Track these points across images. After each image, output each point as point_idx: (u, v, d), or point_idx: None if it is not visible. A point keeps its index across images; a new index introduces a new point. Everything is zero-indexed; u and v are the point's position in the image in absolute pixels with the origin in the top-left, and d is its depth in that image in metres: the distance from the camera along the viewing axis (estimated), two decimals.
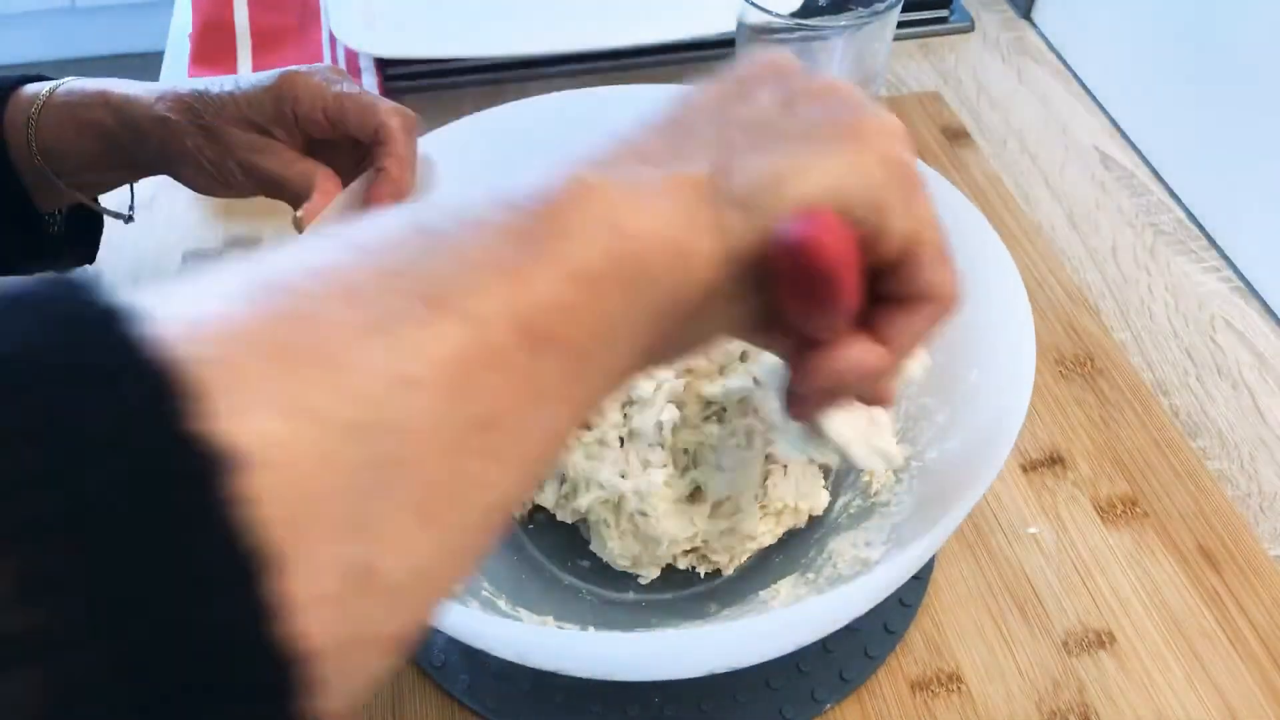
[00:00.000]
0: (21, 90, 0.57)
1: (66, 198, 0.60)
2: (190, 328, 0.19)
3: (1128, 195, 0.74)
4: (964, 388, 0.47)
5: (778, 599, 0.49)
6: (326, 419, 0.20)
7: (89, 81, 0.58)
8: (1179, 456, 0.58)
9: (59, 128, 0.56)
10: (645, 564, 0.49)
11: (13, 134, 0.57)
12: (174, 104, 0.55)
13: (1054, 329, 0.64)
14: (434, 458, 0.22)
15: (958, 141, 0.77)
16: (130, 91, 0.56)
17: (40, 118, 0.56)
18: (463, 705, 0.49)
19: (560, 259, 0.25)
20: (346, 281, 0.22)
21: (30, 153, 0.56)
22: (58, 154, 0.57)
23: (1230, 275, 0.68)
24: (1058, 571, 0.53)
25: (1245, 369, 0.63)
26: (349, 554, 0.20)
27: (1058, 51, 0.86)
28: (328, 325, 0.21)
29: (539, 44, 0.80)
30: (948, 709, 0.48)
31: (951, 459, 0.46)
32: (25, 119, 0.56)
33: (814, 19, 0.64)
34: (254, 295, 0.21)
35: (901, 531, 0.47)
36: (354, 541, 0.20)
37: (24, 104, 0.57)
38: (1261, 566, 0.53)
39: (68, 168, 0.57)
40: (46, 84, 0.58)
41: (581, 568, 0.52)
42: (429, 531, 0.22)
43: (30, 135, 0.56)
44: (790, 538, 0.51)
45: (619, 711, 0.48)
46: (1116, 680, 0.49)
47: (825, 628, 0.41)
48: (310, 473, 0.19)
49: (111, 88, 0.56)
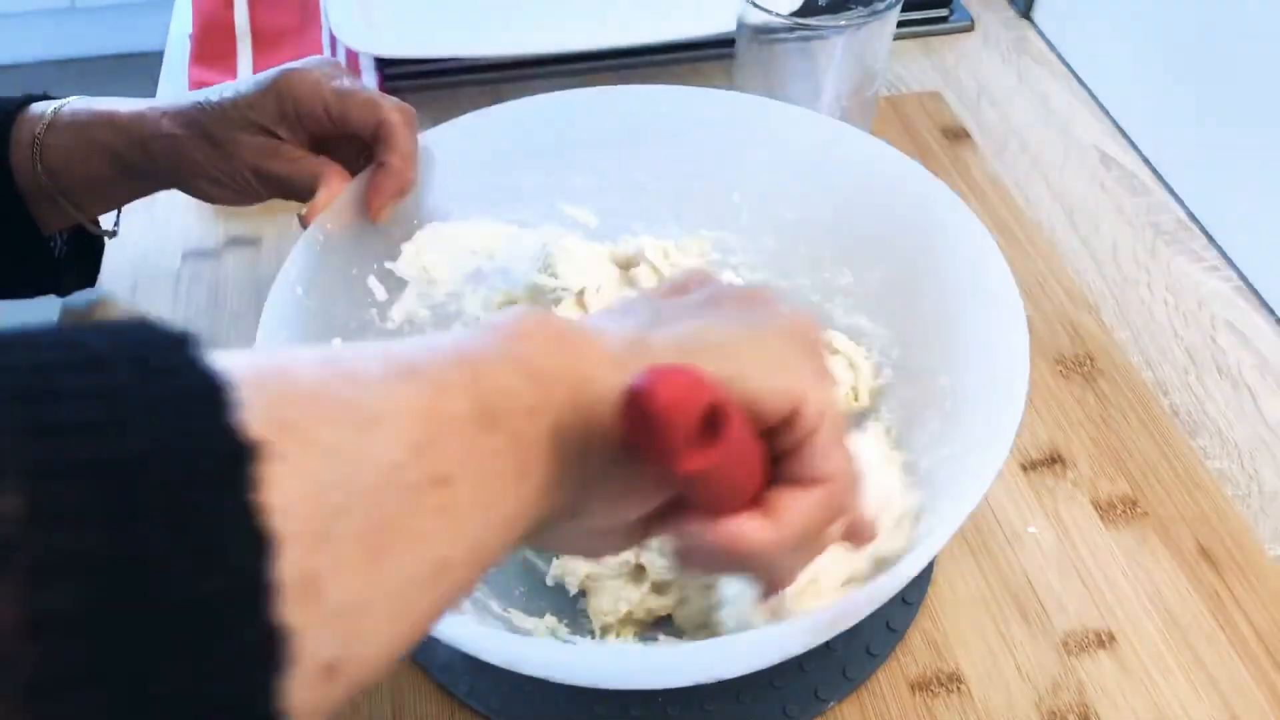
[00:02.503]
0: (26, 111, 0.57)
1: (70, 219, 0.60)
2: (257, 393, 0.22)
3: (1128, 195, 0.74)
4: (960, 392, 0.47)
5: None
6: (312, 440, 0.23)
7: (94, 101, 0.57)
8: (1179, 456, 0.58)
9: (67, 150, 0.56)
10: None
11: (18, 156, 0.56)
12: (179, 119, 0.55)
13: (1054, 329, 0.64)
14: (390, 495, 0.24)
15: (958, 141, 0.77)
16: (136, 109, 0.56)
17: (46, 138, 0.56)
18: (465, 706, 0.49)
19: (514, 356, 0.29)
20: (343, 367, 0.26)
21: (36, 174, 0.56)
22: (66, 175, 0.57)
23: (1230, 275, 0.68)
24: (1058, 572, 0.53)
25: (1245, 369, 0.63)
26: (307, 561, 0.21)
27: (1058, 51, 0.85)
28: (324, 395, 0.24)
29: (539, 44, 0.80)
30: (948, 709, 0.49)
31: (950, 462, 0.46)
32: (31, 139, 0.56)
33: (814, 19, 0.64)
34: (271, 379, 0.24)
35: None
36: (313, 550, 0.22)
37: (29, 125, 0.56)
38: (1261, 566, 0.53)
39: (76, 187, 0.57)
40: (51, 104, 0.57)
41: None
42: (373, 566, 0.23)
43: (37, 156, 0.56)
44: None
45: (622, 712, 0.48)
46: (1116, 680, 0.49)
47: (827, 632, 0.41)
48: (303, 479, 0.22)
49: (118, 108, 0.56)
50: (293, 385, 0.24)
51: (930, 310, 0.52)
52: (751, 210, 0.58)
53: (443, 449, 0.26)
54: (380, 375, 0.26)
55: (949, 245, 0.50)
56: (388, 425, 0.24)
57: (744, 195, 0.58)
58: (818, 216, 0.57)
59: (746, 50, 0.67)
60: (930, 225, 0.51)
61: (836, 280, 0.56)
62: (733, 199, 0.58)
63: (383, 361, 0.27)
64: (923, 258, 0.52)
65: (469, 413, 0.26)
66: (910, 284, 0.53)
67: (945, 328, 0.50)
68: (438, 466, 0.25)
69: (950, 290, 0.50)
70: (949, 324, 0.50)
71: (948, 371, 0.49)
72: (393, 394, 0.25)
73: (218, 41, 0.84)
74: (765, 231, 0.58)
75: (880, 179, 0.54)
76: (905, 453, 0.50)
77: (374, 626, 0.24)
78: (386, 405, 0.25)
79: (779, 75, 0.67)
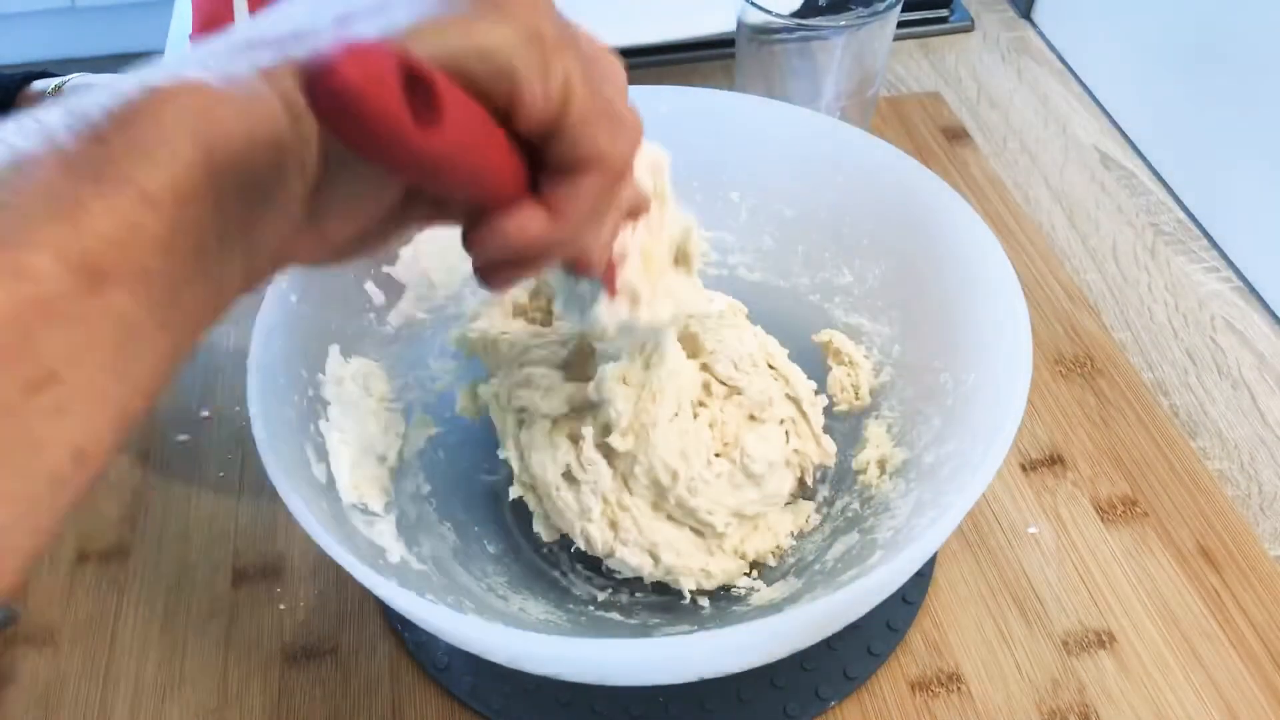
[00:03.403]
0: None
1: None
2: None
3: (1128, 195, 0.74)
4: (961, 390, 0.47)
5: (764, 596, 0.49)
6: None
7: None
8: (1179, 456, 0.58)
9: None
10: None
11: None
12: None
13: (1054, 329, 0.64)
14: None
15: (958, 141, 0.77)
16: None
17: None
18: (465, 706, 0.49)
19: (127, 182, 0.23)
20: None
21: None
22: None
23: (1230, 275, 0.68)
24: (1058, 571, 0.53)
25: (1245, 369, 0.63)
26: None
27: (1058, 51, 0.86)
28: None
29: None
30: (948, 709, 0.49)
31: (949, 461, 0.46)
32: None
33: (814, 19, 0.64)
34: None
35: (900, 533, 0.47)
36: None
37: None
38: (1261, 566, 0.53)
39: None
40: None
41: (571, 563, 0.52)
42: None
43: None
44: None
45: (623, 711, 0.48)
46: (1116, 680, 0.49)
47: (827, 629, 0.41)
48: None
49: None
50: None
51: (931, 307, 0.51)
52: (751, 209, 0.58)
53: (41, 348, 0.22)
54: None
55: (949, 241, 0.50)
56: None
57: (743, 194, 0.58)
58: (817, 216, 0.57)
59: (746, 50, 0.68)
60: (930, 222, 0.51)
61: (836, 279, 0.56)
62: (732, 198, 0.58)
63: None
64: (923, 255, 0.52)
65: (70, 287, 0.22)
66: (910, 282, 0.53)
67: (946, 324, 0.50)
68: (35, 370, 0.22)
69: (951, 286, 0.50)
70: (950, 320, 0.50)
71: (949, 368, 0.49)
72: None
73: None
74: (764, 231, 0.58)
75: (880, 178, 0.54)
76: (906, 450, 0.50)
77: (15, 543, 0.23)
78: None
79: (779, 75, 0.67)
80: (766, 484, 0.49)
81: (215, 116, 0.25)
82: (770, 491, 0.49)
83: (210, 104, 0.25)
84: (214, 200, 0.25)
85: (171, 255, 0.24)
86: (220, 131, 0.25)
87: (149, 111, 0.24)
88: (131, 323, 0.24)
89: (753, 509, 0.49)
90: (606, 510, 0.48)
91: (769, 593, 0.49)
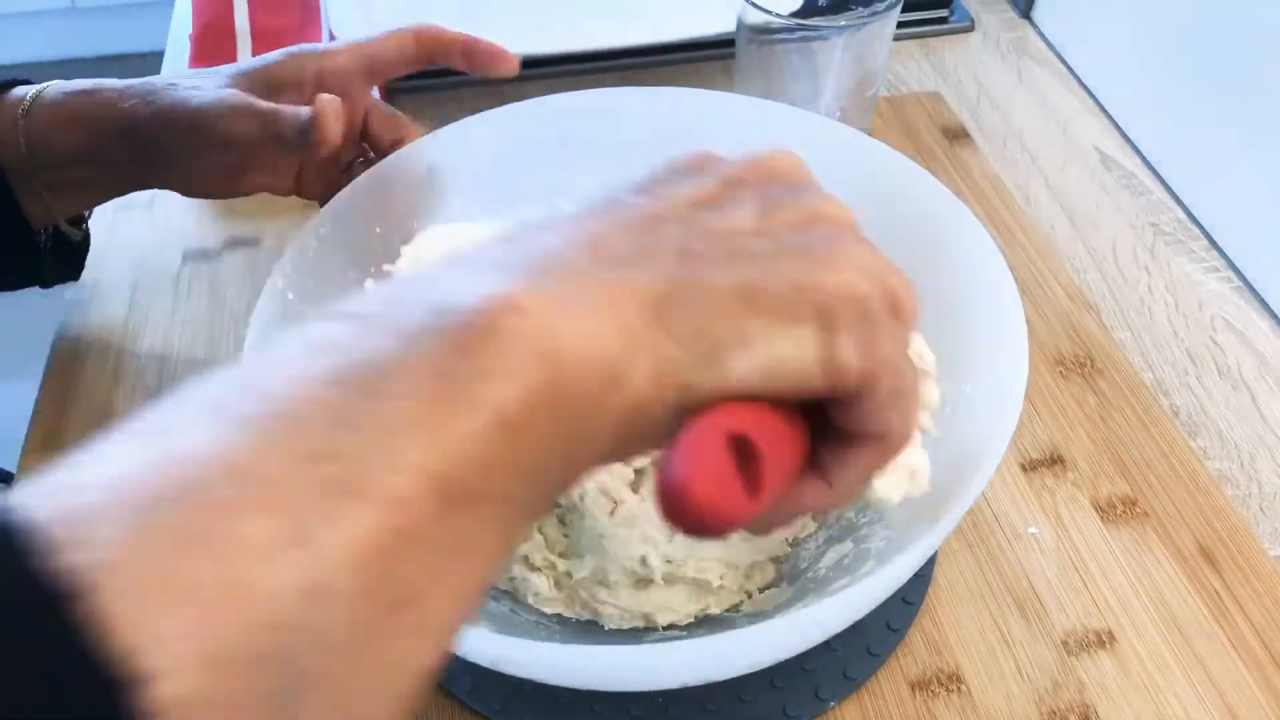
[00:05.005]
0: (8, 95, 0.57)
1: (56, 212, 0.59)
2: (77, 549, 0.18)
3: (1128, 195, 0.74)
4: (959, 389, 0.47)
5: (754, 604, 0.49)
6: (236, 657, 0.19)
7: (79, 81, 0.57)
8: (1179, 456, 0.58)
9: (49, 122, 0.56)
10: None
11: (3, 132, 0.56)
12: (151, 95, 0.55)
13: (1054, 329, 0.65)
14: (351, 659, 0.20)
15: (958, 141, 0.77)
16: (123, 83, 0.56)
17: (31, 112, 0.55)
18: (465, 706, 0.49)
19: (484, 408, 0.23)
20: (257, 478, 0.20)
21: (20, 154, 0.56)
22: (45, 149, 0.56)
23: (1230, 275, 0.68)
24: (1058, 571, 0.53)
25: (1245, 369, 0.63)
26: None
27: (1058, 51, 0.86)
28: (237, 541, 0.19)
29: (539, 44, 0.80)
30: (948, 709, 0.49)
31: (951, 458, 0.46)
32: (15, 119, 0.55)
33: (814, 19, 0.65)
34: (154, 505, 0.19)
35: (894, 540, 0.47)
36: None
37: (11, 106, 0.56)
38: (1261, 566, 0.53)
39: (55, 163, 0.56)
40: (33, 87, 0.57)
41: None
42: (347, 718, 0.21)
43: (20, 136, 0.55)
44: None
45: (623, 711, 0.48)
46: (1116, 680, 0.49)
47: (827, 631, 0.41)
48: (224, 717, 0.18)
49: (104, 82, 0.57)
50: (196, 585, 0.19)
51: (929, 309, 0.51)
52: None
53: (405, 572, 0.21)
54: (313, 507, 0.20)
55: (946, 245, 0.50)
56: (336, 595, 0.20)
57: None
58: None
59: (746, 50, 0.68)
60: (928, 226, 0.51)
61: None
62: None
63: (308, 469, 0.20)
64: (921, 259, 0.52)
65: (432, 510, 0.21)
66: None
67: (944, 327, 0.50)
68: (400, 592, 0.21)
69: (948, 291, 0.50)
70: (946, 325, 0.50)
71: (946, 374, 0.49)
72: (336, 546, 0.20)
73: (218, 42, 0.84)
74: None
75: (878, 180, 0.54)
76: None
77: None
78: (329, 570, 0.20)
79: (779, 75, 0.67)
80: None
81: (555, 338, 0.24)
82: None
83: (554, 322, 0.24)
84: (548, 424, 0.24)
85: (509, 479, 0.23)
86: (561, 353, 0.24)
87: (502, 327, 0.23)
88: (469, 543, 0.23)
89: (745, 559, 0.49)
90: (586, 601, 0.48)
91: (760, 600, 0.49)
